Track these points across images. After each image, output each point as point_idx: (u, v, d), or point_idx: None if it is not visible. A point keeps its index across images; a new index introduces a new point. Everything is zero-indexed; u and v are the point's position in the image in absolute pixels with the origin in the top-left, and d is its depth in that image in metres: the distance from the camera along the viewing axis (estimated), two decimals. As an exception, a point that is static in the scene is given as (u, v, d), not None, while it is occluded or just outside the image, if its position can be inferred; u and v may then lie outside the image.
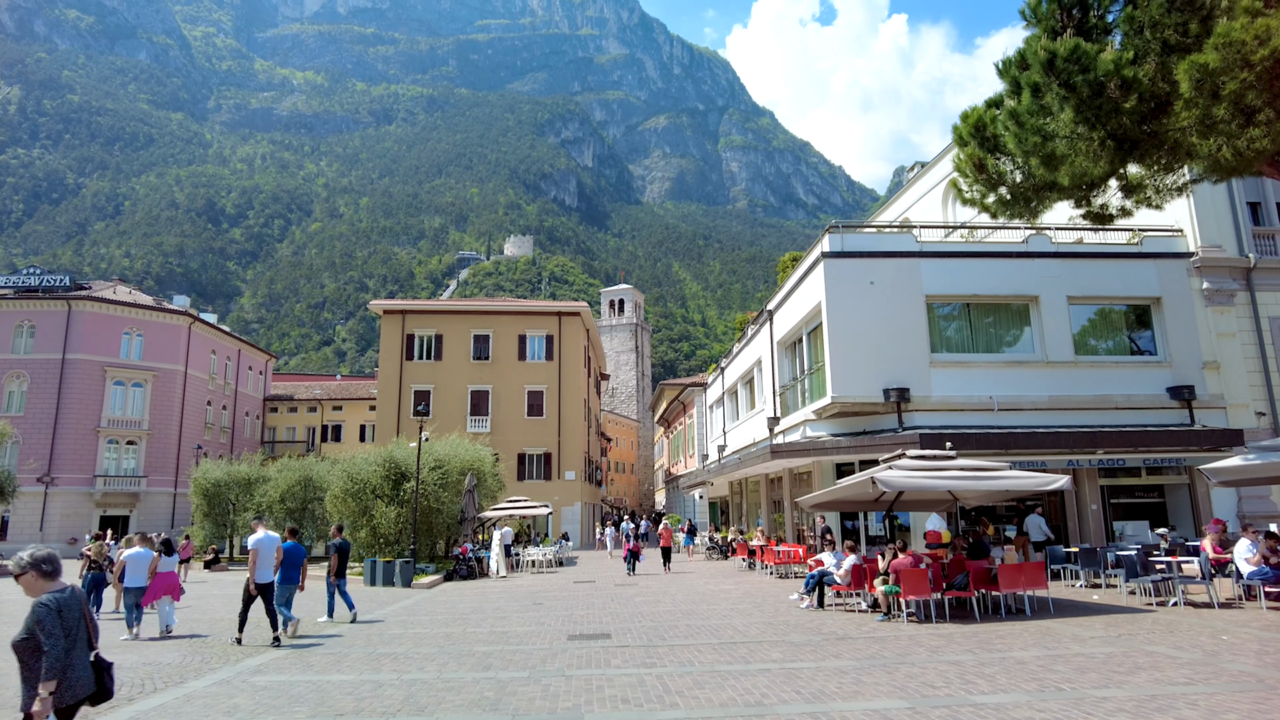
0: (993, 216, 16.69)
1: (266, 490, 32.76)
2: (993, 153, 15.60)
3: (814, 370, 22.13)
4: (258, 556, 11.70)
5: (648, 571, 23.77)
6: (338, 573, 14.36)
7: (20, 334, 46.17)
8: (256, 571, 11.64)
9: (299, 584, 12.66)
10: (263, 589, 11.74)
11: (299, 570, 12.62)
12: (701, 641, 11.01)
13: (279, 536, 12.66)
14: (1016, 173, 15.57)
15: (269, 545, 12.06)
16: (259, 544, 11.87)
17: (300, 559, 12.69)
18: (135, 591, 12.97)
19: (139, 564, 13.10)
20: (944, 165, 34.31)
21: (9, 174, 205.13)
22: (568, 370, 46.43)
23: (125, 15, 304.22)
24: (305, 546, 16.20)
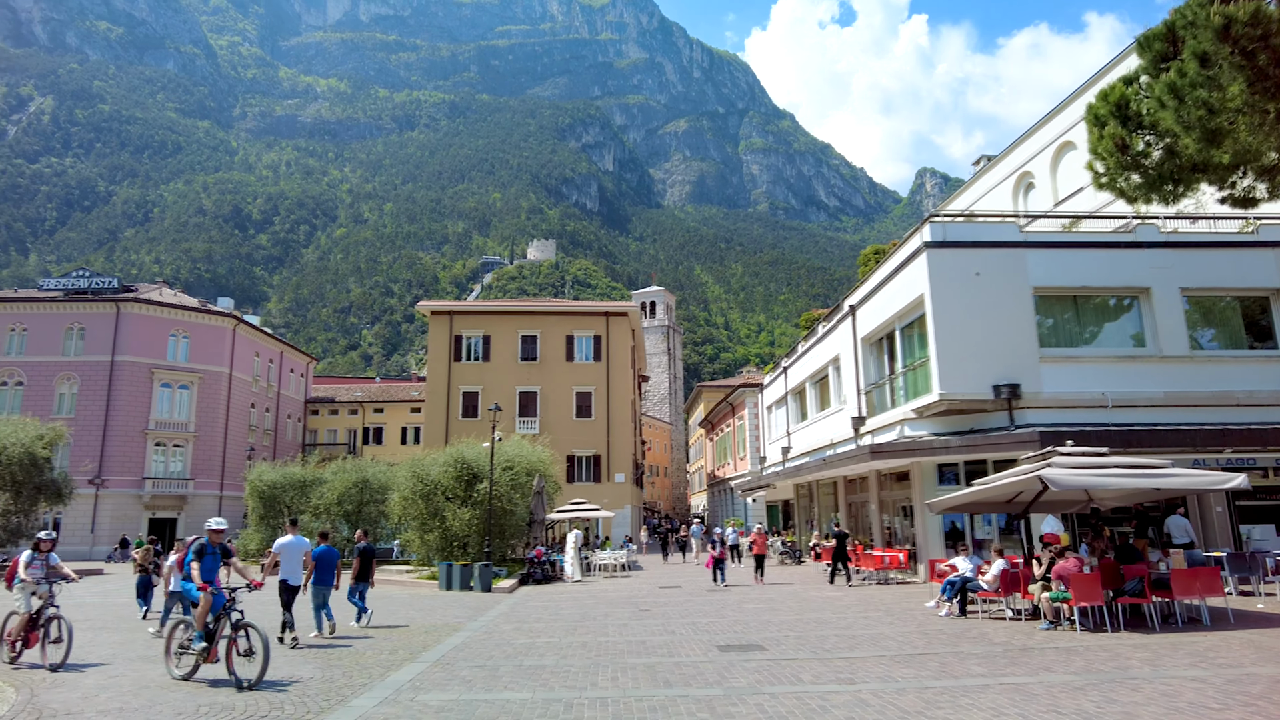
0: (1130, 201, 15.64)
1: (323, 492, 32.17)
2: (1136, 131, 14.66)
3: (912, 367, 21.17)
4: (279, 558, 12.37)
5: (734, 581, 22.79)
6: (360, 576, 14.33)
7: (70, 336, 46.15)
8: (284, 572, 12.29)
9: (333, 585, 12.90)
10: (290, 590, 12.24)
11: (333, 573, 12.86)
12: (871, 654, 10.14)
13: (307, 541, 12.97)
14: (1160, 152, 14.66)
15: (293, 548, 12.51)
16: (282, 546, 12.48)
17: (333, 562, 12.91)
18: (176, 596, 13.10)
19: None
20: (1015, 158, 33.37)
21: (43, 182, 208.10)
22: (616, 371, 45.67)
23: (154, 26, 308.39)
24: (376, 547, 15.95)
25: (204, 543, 9.49)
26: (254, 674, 8.47)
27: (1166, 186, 14.77)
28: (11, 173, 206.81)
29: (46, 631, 9.94)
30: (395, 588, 23.13)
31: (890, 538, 23.56)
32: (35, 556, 10.44)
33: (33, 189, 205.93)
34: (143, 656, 10.94)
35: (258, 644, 8.62)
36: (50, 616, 10.03)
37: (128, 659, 10.75)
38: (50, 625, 9.99)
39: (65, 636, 9.78)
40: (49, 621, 10.00)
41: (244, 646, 8.67)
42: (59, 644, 9.80)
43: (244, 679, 8.47)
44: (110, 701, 7.99)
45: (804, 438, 30.87)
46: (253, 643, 8.68)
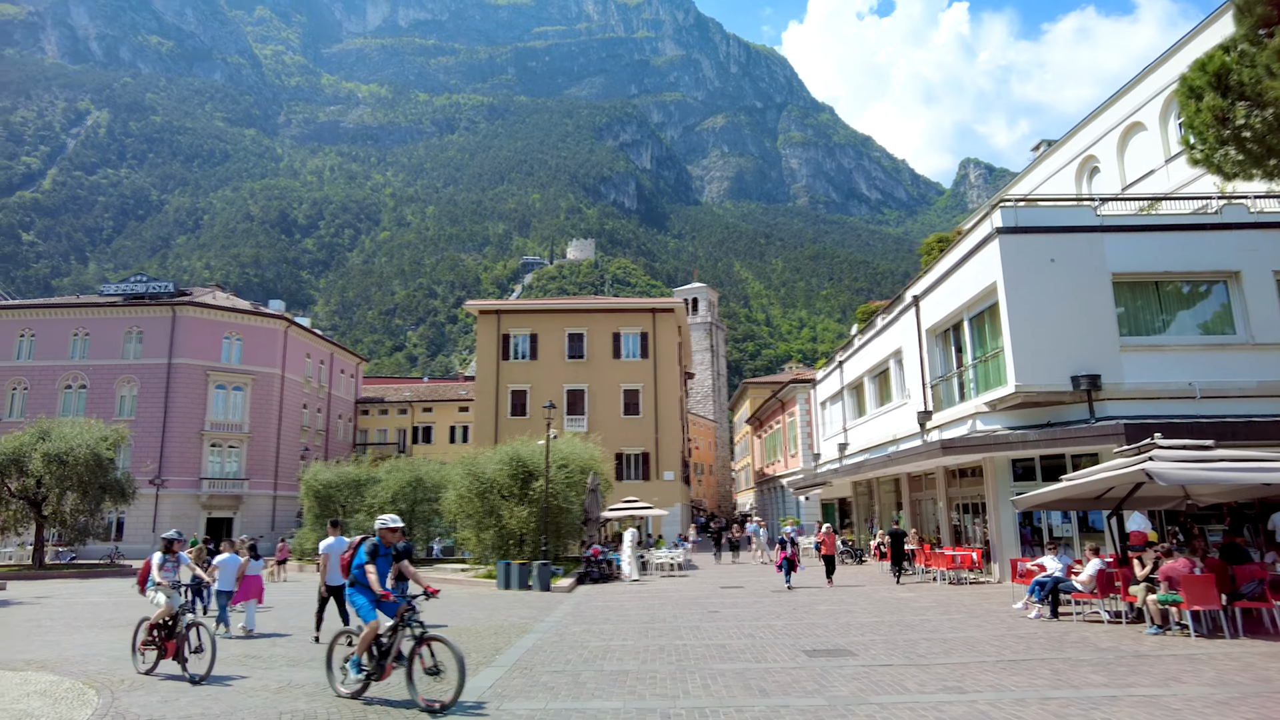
0: (1228, 178, 14.77)
1: (377, 491, 32.32)
2: (1237, 103, 13.74)
3: (983, 359, 20.35)
4: (327, 560, 12.32)
5: (797, 582, 22.17)
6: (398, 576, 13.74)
7: (130, 340, 47.23)
8: (327, 574, 12.32)
9: None
10: (334, 590, 12.24)
11: None
12: (970, 659, 9.54)
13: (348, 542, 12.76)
14: (1264, 125, 13.70)
15: (339, 549, 12.45)
16: (328, 548, 12.50)
17: None
18: (225, 594, 13.69)
19: (229, 569, 13.75)
20: (1077, 142, 32.14)
21: (100, 193, 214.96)
22: (663, 368, 45.22)
23: (202, 38, 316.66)
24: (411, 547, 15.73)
25: (376, 542, 8.14)
26: (447, 694, 7.30)
27: (1271, 161, 13.83)
28: (71, 184, 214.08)
29: (186, 640, 9.16)
30: (453, 586, 23.02)
31: (959, 536, 22.75)
32: (166, 558, 9.83)
33: (91, 199, 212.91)
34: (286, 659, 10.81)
35: (447, 661, 7.41)
36: (189, 623, 9.27)
37: (264, 665, 10.59)
38: (190, 633, 9.20)
39: (208, 646, 9.04)
40: (188, 629, 9.24)
41: (429, 663, 7.48)
42: (201, 654, 9.09)
43: (433, 700, 7.34)
44: (191, 707, 7.79)
45: (862, 434, 30.07)
46: (438, 659, 7.47)
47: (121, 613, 17.06)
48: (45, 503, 32.60)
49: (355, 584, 7.96)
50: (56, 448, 31.60)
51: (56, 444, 31.73)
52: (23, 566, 32.72)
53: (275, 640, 12.83)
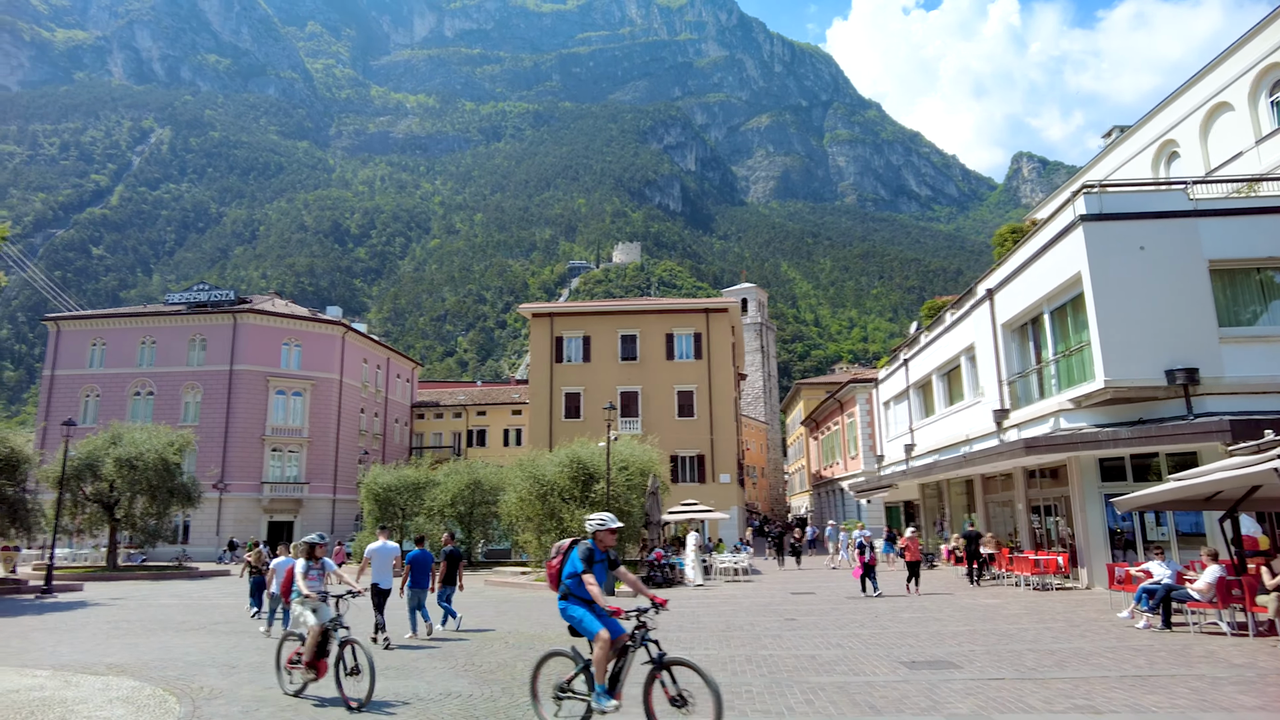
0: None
1: (436, 494, 32.39)
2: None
3: (1066, 353, 19.33)
4: (369, 563, 12.80)
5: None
6: (446, 580, 14.37)
7: (193, 347, 48.41)
8: (376, 576, 12.71)
9: (428, 588, 13.34)
10: (381, 594, 12.60)
11: (427, 575, 13.34)
12: (1089, 674, 8.80)
13: (396, 546, 13.49)
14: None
15: (384, 554, 13.00)
16: (372, 552, 12.96)
17: (427, 565, 13.35)
18: (279, 597, 13.55)
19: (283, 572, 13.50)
20: (1154, 126, 30.62)
21: (163, 207, 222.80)
22: (717, 369, 44.59)
23: (256, 55, 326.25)
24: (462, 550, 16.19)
25: (590, 546, 6.68)
26: None
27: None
28: (136, 200, 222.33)
29: (341, 659, 7.97)
30: (515, 589, 22.80)
31: (1040, 539, 21.70)
32: (311, 564, 8.82)
33: (154, 214, 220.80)
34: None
35: (695, 691, 6.09)
36: (343, 640, 8.08)
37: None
38: (345, 652, 8.00)
39: (365, 666, 7.74)
40: (342, 647, 8.04)
41: (673, 691, 6.13)
42: (358, 676, 7.82)
43: None
44: (273, 718, 7.53)
45: (931, 434, 29.04)
46: (681, 688, 6.15)
47: (193, 616, 17.17)
48: (117, 506, 33.45)
49: (569, 596, 6.65)
50: (127, 452, 32.39)
51: (127, 449, 32.52)
52: (98, 568, 33.59)
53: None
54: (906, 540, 20.11)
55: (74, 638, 13.71)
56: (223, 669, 10.15)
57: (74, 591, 24.60)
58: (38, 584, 25.07)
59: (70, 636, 13.87)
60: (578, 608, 6.57)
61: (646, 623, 6.34)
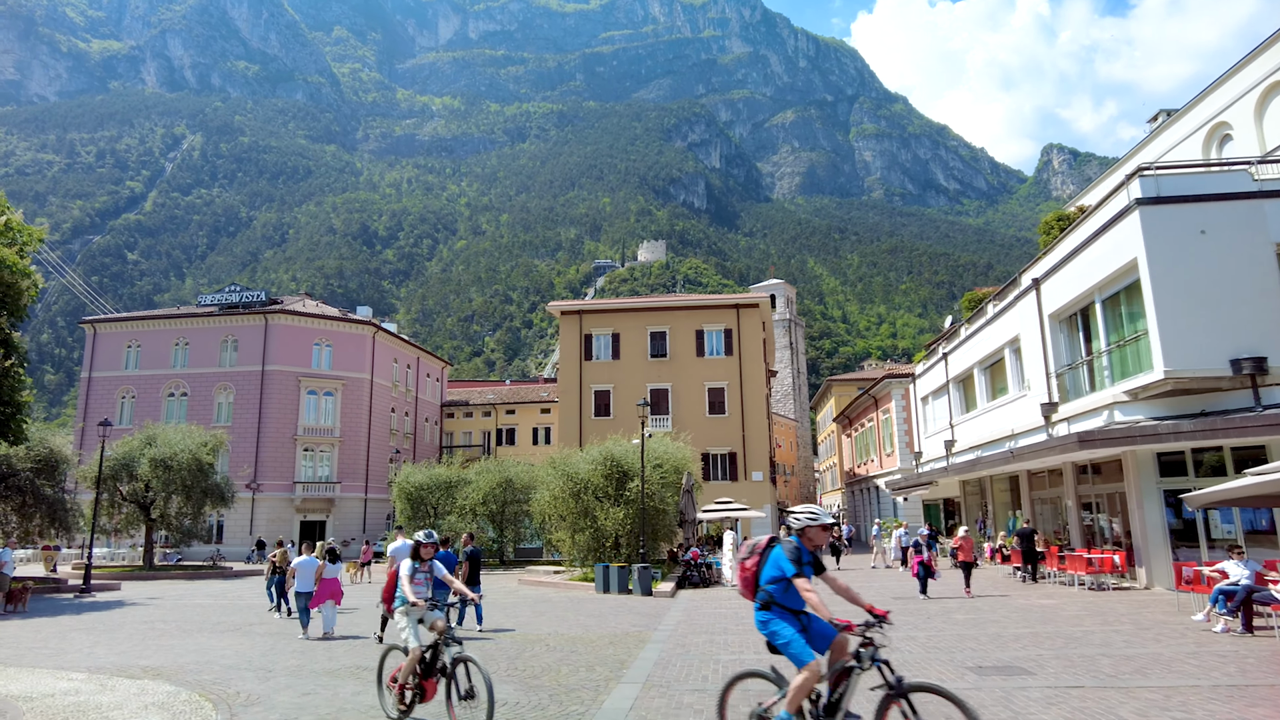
0: None
1: (468, 493, 32.20)
2: None
3: (1120, 343, 18.55)
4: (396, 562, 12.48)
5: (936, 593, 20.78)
6: (469, 580, 14.23)
7: (225, 348, 48.78)
8: None
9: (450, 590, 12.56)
10: None
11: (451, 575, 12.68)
12: (1178, 683, 8.20)
13: None
14: None
15: (404, 552, 12.54)
16: (395, 551, 13.43)
17: (451, 566, 13.18)
18: (303, 596, 13.69)
19: (306, 571, 13.79)
20: (1204, 109, 29.52)
21: (195, 212, 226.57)
22: (748, 365, 43.94)
23: (284, 61, 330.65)
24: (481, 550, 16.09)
25: (797, 544, 5.35)
26: None
27: None
28: (169, 205, 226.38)
29: (454, 680, 6.76)
30: (549, 589, 22.46)
31: (1092, 537, 20.90)
32: (417, 566, 7.60)
33: (186, 219, 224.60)
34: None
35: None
36: (456, 658, 6.82)
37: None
38: (457, 670, 6.79)
39: (483, 689, 6.45)
40: (455, 665, 6.82)
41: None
42: (473, 702, 6.63)
43: None
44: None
45: (972, 429, 28.24)
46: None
47: (229, 616, 17.03)
48: (153, 506, 33.70)
49: (771, 605, 5.36)
50: (162, 453, 32.62)
51: (162, 449, 32.76)
52: (135, 567, 33.87)
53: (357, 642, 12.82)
54: (960, 540, 19.16)
55: (111, 638, 13.58)
56: (259, 673, 9.87)
57: (111, 591, 24.71)
58: (76, 583, 25.25)
59: (107, 637, 13.74)
60: (784, 623, 5.27)
61: (874, 639, 5.02)
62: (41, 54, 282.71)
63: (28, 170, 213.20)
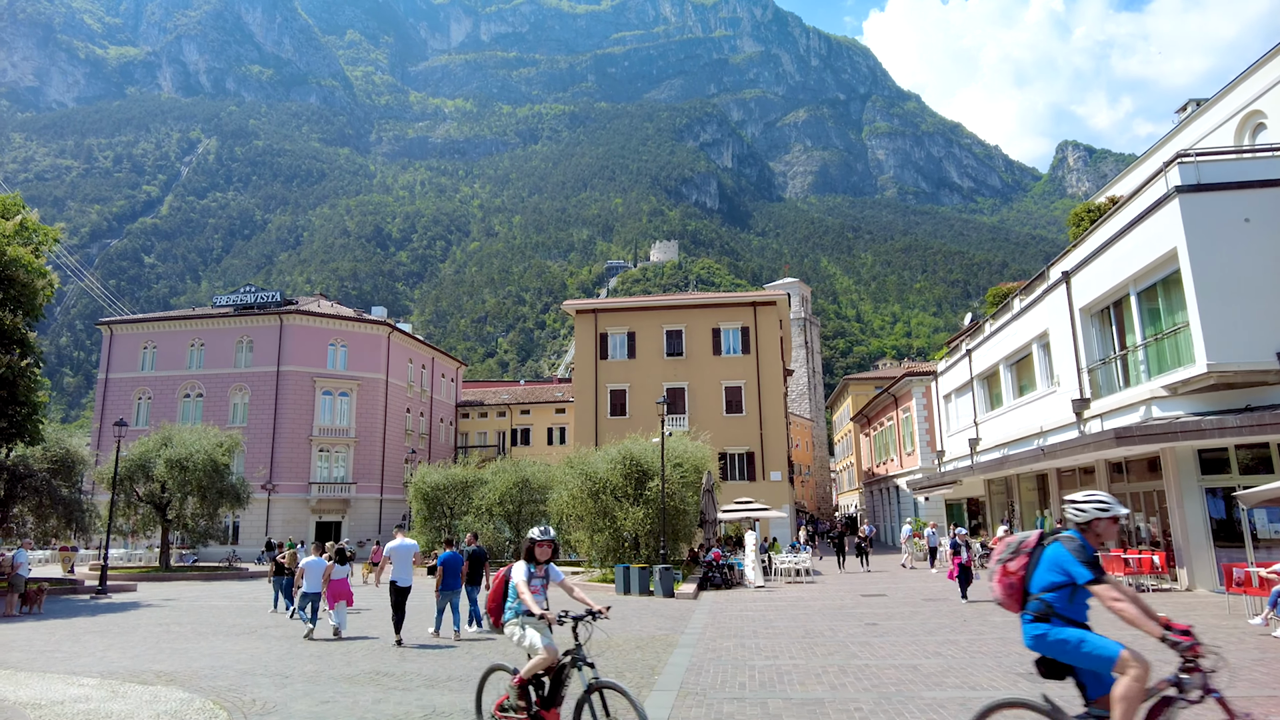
0: None
1: (485, 493, 31.86)
2: None
3: (1158, 336, 17.95)
4: (390, 561, 13.12)
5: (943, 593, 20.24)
6: (471, 580, 14.21)
7: (241, 349, 48.73)
8: (395, 574, 12.83)
9: (459, 589, 13.27)
10: (400, 591, 12.67)
11: (457, 577, 13.28)
12: (1250, 693, 7.68)
13: (415, 544, 13.67)
14: None
15: (404, 551, 13.19)
16: (392, 550, 13.19)
17: (458, 566, 13.33)
18: (311, 596, 13.69)
19: (314, 571, 13.75)
20: (1236, 97, 28.73)
21: (210, 215, 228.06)
22: (765, 363, 43.41)
23: (298, 65, 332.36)
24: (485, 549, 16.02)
25: (1081, 542, 4.25)
26: None
27: None
28: (185, 209, 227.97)
29: (587, 706, 5.47)
30: (565, 591, 22.04)
31: (1127, 537, 20.29)
32: (533, 569, 6.16)
33: (202, 222, 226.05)
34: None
35: None
36: (592, 684, 5.50)
37: (401, 687, 9.71)
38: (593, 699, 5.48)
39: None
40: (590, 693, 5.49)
41: None
42: None
43: None
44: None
45: (998, 427, 27.62)
46: None
47: (244, 619, 16.72)
48: (169, 506, 33.58)
49: (1050, 617, 4.26)
50: (178, 454, 32.48)
51: (178, 450, 32.62)
52: (151, 568, 33.77)
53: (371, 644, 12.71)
54: (996, 541, 18.43)
55: (125, 641, 13.28)
56: (275, 679, 9.50)
57: (128, 592, 24.52)
58: (93, 584, 25.08)
59: (121, 640, 13.44)
60: (1069, 631, 4.21)
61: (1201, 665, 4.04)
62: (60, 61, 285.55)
63: (47, 176, 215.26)
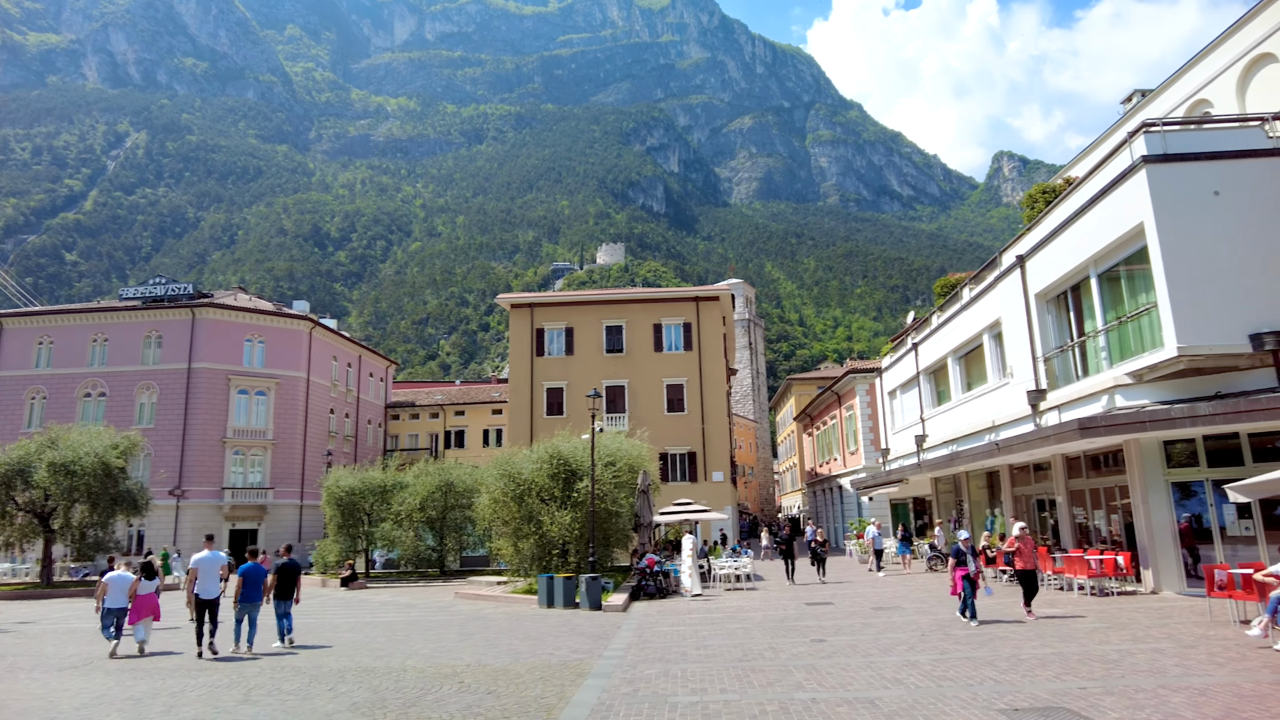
0: None
1: (404, 498, 29.41)
2: None
3: (1120, 320, 16.72)
4: (197, 574, 12.75)
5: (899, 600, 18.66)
6: (279, 594, 13.57)
7: (149, 345, 45.09)
8: (199, 587, 12.61)
9: (260, 602, 12.92)
10: (208, 604, 12.46)
11: (259, 589, 12.91)
12: (1286, 728, 6.10)
13: (223, 555, 13.54)
14: None
15: (210, 563, 12.88)
16: (199, 562, 12.82)
17: (260, 579, 12.95)
18: (115, 612, 13.02)
19: (119, 586, 13.09)
20: (1183, 87, 28.29)
21: (139, 212, 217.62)
22: (708, 361, 41.86)
23: (234, 59, 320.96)
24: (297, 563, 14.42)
25: None
26: None
27: None
28: (111, 205, 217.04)
29: None
30: (487, 604, 19.92)
31: (1085, 536, 19.09)
32: None
33: (130, 219, 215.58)
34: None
35: None
36: None
37: None
38: None
39: None
40: None
41: None
42: None
43: None
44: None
45: (947, 422, 26.41)
46: None
47: (92, 646, 14.14)
48: (53, 516, 30.29)
49: None
50: (63, 457, 29.29)
51: (64, 453, 29.43)
52: (31, 585, 30.37)
53: (174, 657, 12.25)
54: (1015, 541, 14.34)
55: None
56: None
57: (-19, 614, 21.45)
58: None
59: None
60: None
61: None
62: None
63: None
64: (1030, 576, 13.94)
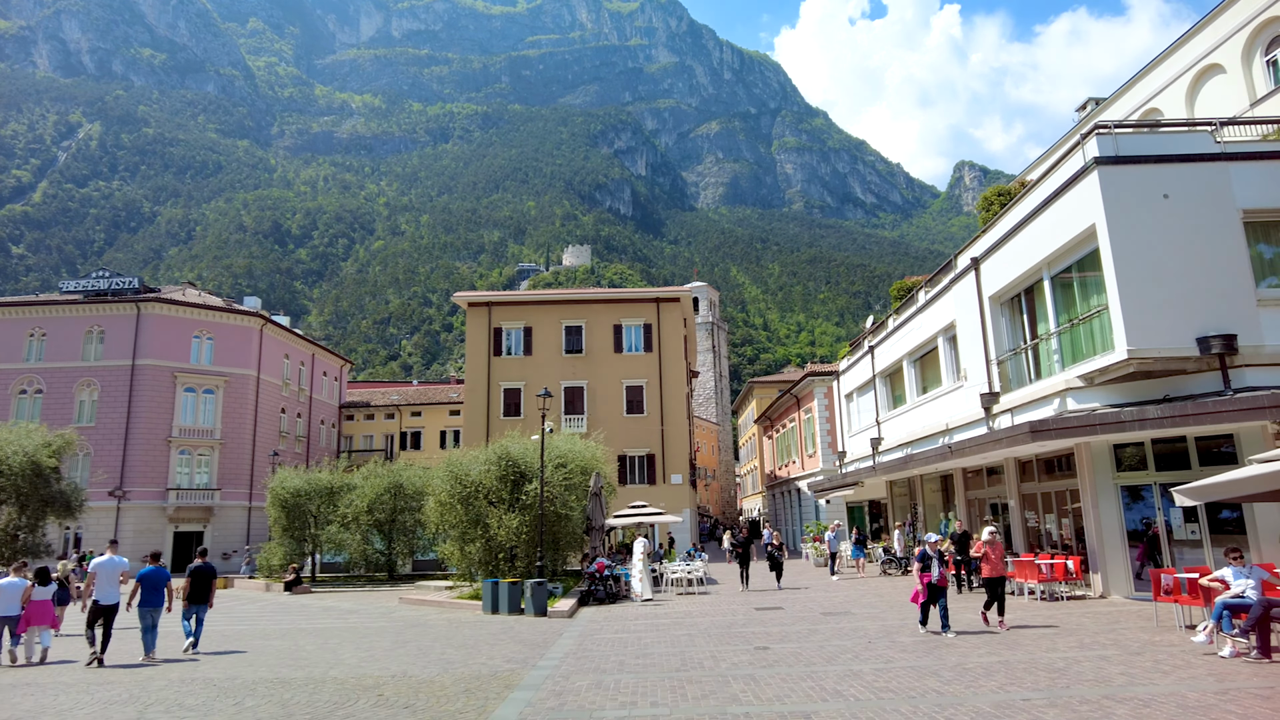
0: None
1: (352, 500, 28.52)
2: None
3: (1072, 323, 16.66)
4: (95, 579, 12.51)
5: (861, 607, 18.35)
6: (194, 598, 13.28)
7: (90, 340, 43.42)
8: (98, 592, 12.30)
9: (163, 607, 12.55)
10: (105, 610, 12.16)
11: (161, 594, 12.54)
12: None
13: (124, 560, 13.09)
14: None
15: (110, 567, 12.62)
16: (98, 566, 12.57)
17: (162, 583, 12.58)
18: (7, 620, 12.50)
19: (11, 593, 12.53)
20: (1134, 96, 28.89)
21: (92, 205, 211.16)
22: (669, 363, 41.50)
23: (194, 51, 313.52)
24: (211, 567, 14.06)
25: None
26: None
27: None
28: (62, 197, 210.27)
29: None
30: (431, 609, 19.25)
31: (1037, 540, 19.03)
32: None
33: (82, 212, 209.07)
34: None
35: None
36: None
37: None
38: None
39: None
40: None
41: None
42: None
43: None
44: None
45: (902, 425, 26.32)
46: None
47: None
48: (-23, 519, 28.80)
49: None
50: (-12, 456, 27.86)
51: (-11, 452, 27.99)
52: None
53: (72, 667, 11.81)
54: (984, 546, 13.61)
55: None
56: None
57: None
58: None
59: None
60: None
61: None
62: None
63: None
64: (997, 584, 13.19)
